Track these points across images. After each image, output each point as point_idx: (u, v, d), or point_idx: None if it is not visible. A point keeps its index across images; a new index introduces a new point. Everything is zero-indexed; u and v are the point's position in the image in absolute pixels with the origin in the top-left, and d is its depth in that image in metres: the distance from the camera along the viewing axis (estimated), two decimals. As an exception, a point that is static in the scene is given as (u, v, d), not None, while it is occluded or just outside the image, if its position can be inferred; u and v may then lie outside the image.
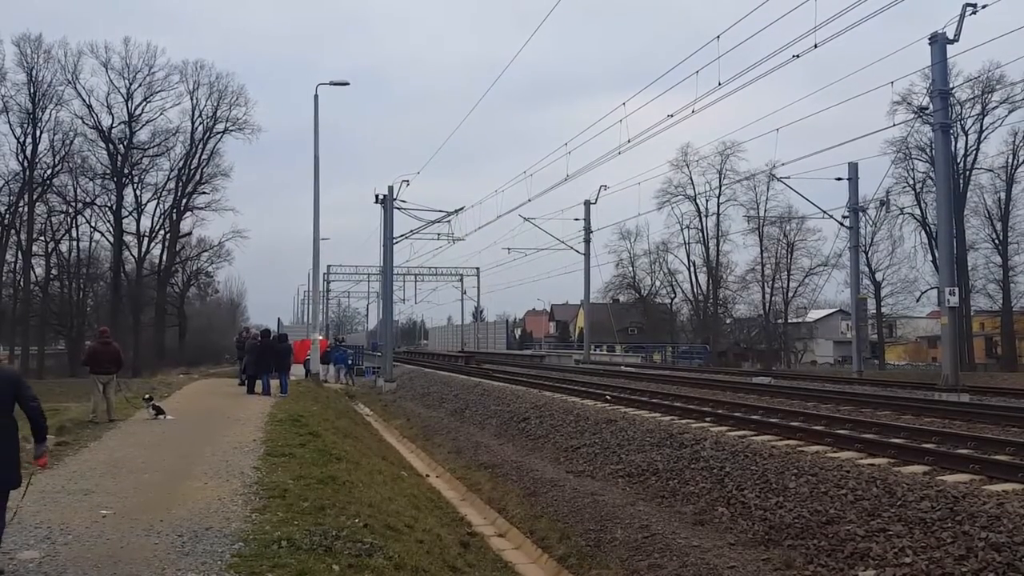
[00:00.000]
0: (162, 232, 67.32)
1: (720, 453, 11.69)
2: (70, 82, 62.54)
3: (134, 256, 67.06)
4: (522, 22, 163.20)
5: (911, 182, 53.55)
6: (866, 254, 53.20)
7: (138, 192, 66.24)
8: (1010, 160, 51.37)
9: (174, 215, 67.20)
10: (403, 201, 35.76)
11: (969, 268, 51.63)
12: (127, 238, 65.90)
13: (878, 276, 57.32)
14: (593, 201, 44.98)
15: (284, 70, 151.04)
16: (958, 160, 49.81)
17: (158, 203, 66.97)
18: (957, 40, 20.96)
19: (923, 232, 53.67)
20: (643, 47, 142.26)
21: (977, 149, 51.95)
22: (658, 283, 72.49)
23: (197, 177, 67.45)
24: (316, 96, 30.66)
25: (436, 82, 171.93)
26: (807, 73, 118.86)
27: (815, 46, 17.66)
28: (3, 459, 5.57)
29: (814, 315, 70.36)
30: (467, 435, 19.31)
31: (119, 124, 64.73)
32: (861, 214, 36.64)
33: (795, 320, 66.40)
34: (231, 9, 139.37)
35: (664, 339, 68.99)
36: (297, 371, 25.71)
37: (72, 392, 27.71)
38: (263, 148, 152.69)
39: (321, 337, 34.28)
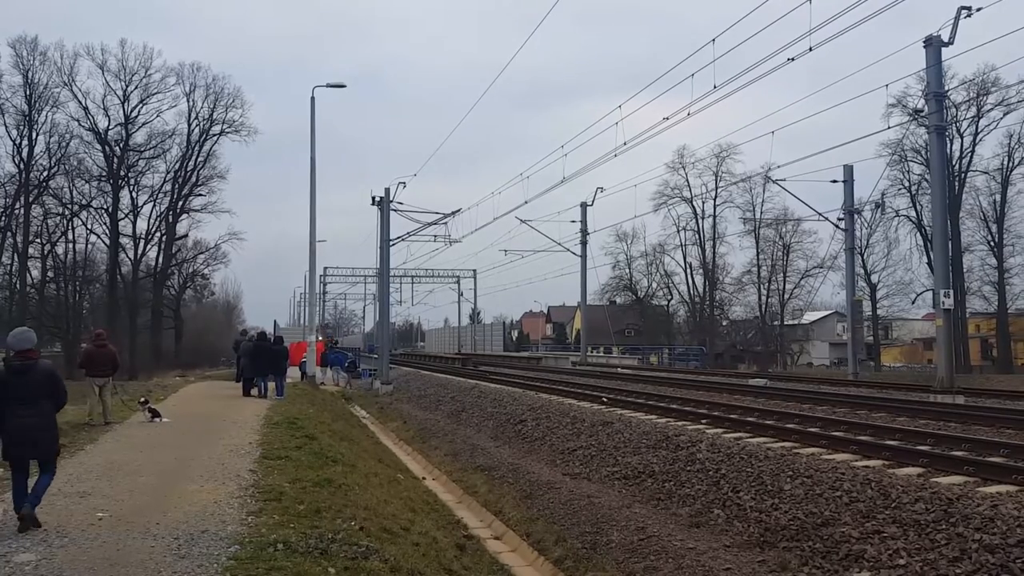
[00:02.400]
0: (158, 234, 67.28)
1: (716, 455, 11.71)
2: (66, 84, 62.48)
3: (130, 258, 66.99)
4: (522, 26, 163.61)
5: (906, 184, 53.81)
6: (862, 256, 53.43)
7: (134, 194, 66.21)
8: (1005, 162, 51.65)
9: (170, 217, 67.12)
10: (400, 203, 35.83)
11: (965, 270, 51.83)
12: (123, 240, 65.81)
13: (874, 278, 57.55)
14: (590, 203, 45.08)
15: (283, 72, 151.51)
16: (953, 162, 49.99)
17: (154, 205, 66.98)
18: (952, 43, 21.01)
19: (918, 234, 53.88)
20: (640, 51, 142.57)
21: (972, 151, 52.21)
22: (655, 285, 72.75)
23: (193, 179, 67.41)
24: (312, 98, 30.83)
25: (436, 86, 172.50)
26: (803, 76, 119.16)
27: (810, 49, 17.70)
28: (41, 437, 7.16)
29: (810, 317, 70.52)
30: (464, 437, 19.31)
31: (115, 126, 64.66)
32: (857, 216, 36.77)
33: (791, 322, 66.57)
34: (231, 11, 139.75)
35: (661, 341, 69.08)
36: (293, 373, 25.70)
37: (68, 395, 27.65)
38: (261, 150, 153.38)
39: (320, 339, 34.27)
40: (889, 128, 48.39)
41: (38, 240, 64.12)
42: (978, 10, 19.71)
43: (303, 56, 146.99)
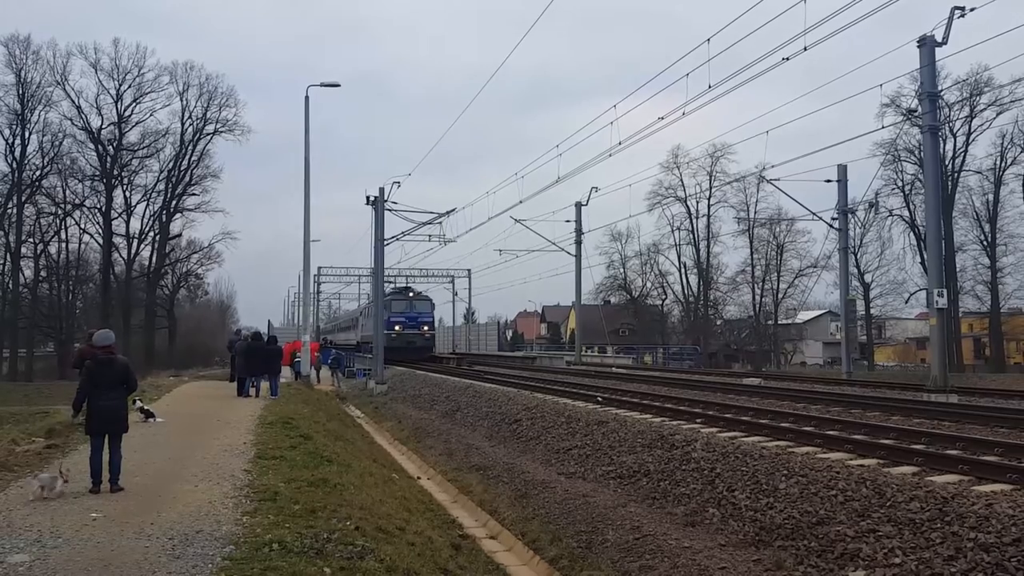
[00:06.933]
0: (152, 234, 67.27)
1: (711, 454, 11.72)
2: (59, 83, 62.49)
3: (123, 258, 66.93)
4: (522, 29, 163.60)
5: (900, 184, 54.05)
6: (855, 256, 53.58)
7: (128, 194, 66.16)
8: (998, 162, 51.88)
9: (164, 217, 67.07)
10: (394, 203, 35.73)
11: (957, 270, 52.04)
12: (116, 240, 65.76)
13: (867, 278, 57.79)
14: (584, 203, 45.03)
15: (285, 75, 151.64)
16: (946, 162, 50.20)
17: (148, 205, 66.97)
18: (946, 43, 21.06)
19: (912, 234, 54.13)
20: (637, 51, 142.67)
21: (965, 151, 52.47)
22: (649, 284, 72.82)
23: (187, 178, 67.41)
24: (307, 97, 30.75)
25: (435, 87, 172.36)
26: (797, 76, 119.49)
27: (804, 49, 17.73)
28: (119, 416, 8.88)
29: (804, 316, 70.69)
30: (458, 437, 19.29)
31: (108, 125, 64.65)
32: (850, 216, 36.79)
33: (785, 321, 66.69)
34: (231, 12, 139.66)
35: (655, 340, 69.11)
36: (285, 373, 25.60)
37: (61, 395, 27.55)
38: (263, 152, 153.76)
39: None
40: (883, 128, 48.47)
41: (31, 239, 63.99)
42: (972, 10, 19.77)
43: (304, 59, 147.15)
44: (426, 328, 45.98)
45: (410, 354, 43.15)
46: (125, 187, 65.85)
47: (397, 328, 44.32)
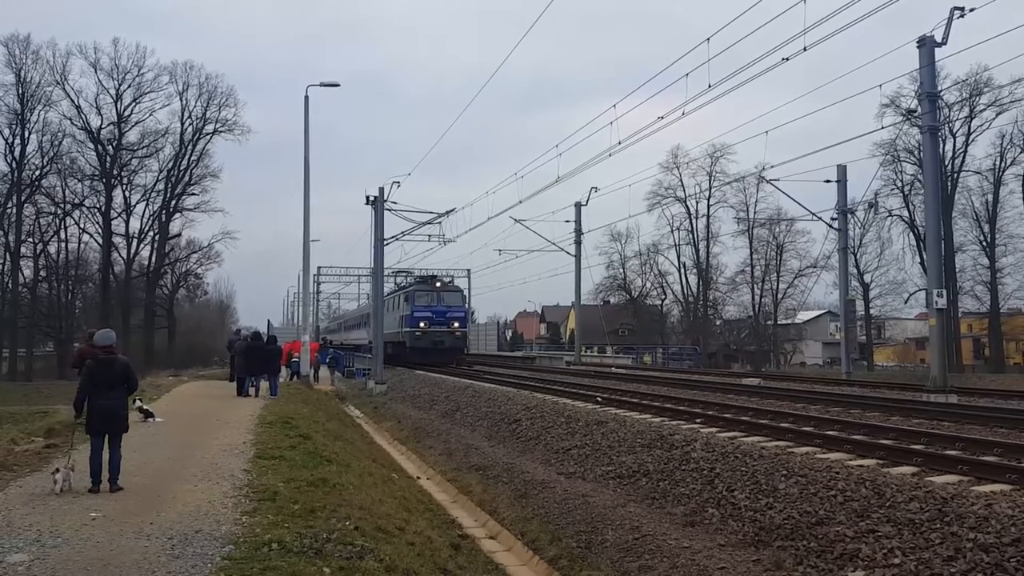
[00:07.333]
0: (151, 234, 67.24)
1: (710, 454, 11.72)
2: (59, 83, 62.46)
3: (123, 258, 66.87)
4: (524, 29, 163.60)
5: (899, 184, 54.06)
6: (855, 256, 53.57)
7: (127, 193, 66.13)
8: (997, 162, 51.89)
9: (163, 216, 67.02)
10: (394, 202, 35.70)
11: (957, 270, 52.07)
12: (116, 240, 65.72)
13: (867, 278, 57.78)
14: (584, 203, 45.00)
15: (286, 75, 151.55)
16: (946, 162, 50.20)
17: (147, 204, 66.93)
18: (945, 43, 21.06)
19: (911, 234, 54.13)
20: (638, 53, 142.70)
21: (965, 151, 52.48)
22: (648, 285, 72.80)
23: (186, 178, 67.35)
24: (306, 97, 30.76)
25: (435, 87, 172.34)
26: (797, 76, 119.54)
27: (804, 49, 17.72)
28: (119, 415, 8.93)
29: (803, 316, 70.68)
30: (458, 437, 19.29)
31: (108, 125, 64.60)
32: (850, 216, 36.79)
33: (784, 322, 66.69)
34: (232, 12, 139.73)
35: (654, 340, 69.10)
36: (282, 372, 25.54)
37: (60, 394, 27.53)
38: (261, 150, 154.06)
39: None
40: (882, 128, 48.52)
41: (30, 239, 63.97)
42: (971, 10, 19.77)
43: (304, 59, 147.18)
44: (456, 325, 39.07)
45: (437, 356, 37.79)
46: (125, 187, 65.88)
47: (422, 325, 37.96)
